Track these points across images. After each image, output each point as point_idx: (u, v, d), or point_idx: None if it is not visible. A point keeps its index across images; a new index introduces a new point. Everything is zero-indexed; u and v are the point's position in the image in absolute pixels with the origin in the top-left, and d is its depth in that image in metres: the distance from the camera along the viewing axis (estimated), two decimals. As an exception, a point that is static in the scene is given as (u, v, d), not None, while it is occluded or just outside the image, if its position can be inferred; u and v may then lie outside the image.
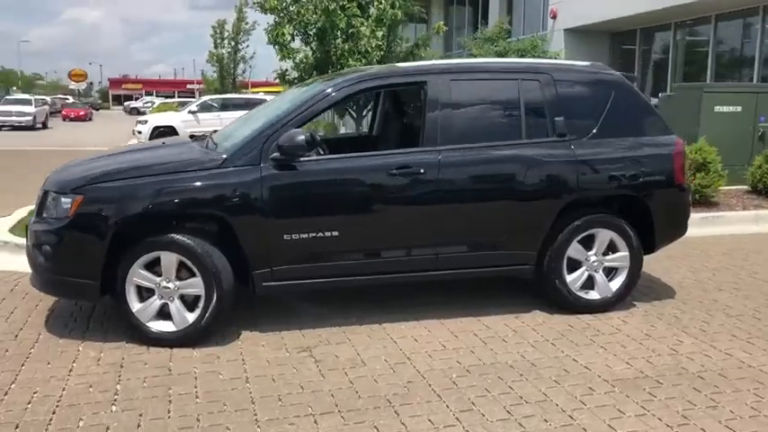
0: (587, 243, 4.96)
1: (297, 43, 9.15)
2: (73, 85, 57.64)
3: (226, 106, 23.01)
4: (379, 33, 8.54)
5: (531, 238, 4.83)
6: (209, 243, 4.32)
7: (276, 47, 8.78)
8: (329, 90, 4.64)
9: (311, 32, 8.61)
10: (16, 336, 4.50)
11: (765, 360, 4.19)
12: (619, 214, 5.03)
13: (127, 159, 4.83)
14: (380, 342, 4.46)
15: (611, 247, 5.01)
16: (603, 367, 4.07)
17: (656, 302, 5.30)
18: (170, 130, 21.28)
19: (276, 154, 4.36)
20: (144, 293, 4.36)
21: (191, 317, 4.34)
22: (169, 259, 4.29)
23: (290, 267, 4.49)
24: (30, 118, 32.18)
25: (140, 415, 3.44)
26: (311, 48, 8.88)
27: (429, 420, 3.41)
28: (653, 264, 6.38)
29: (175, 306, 4.34)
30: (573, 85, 5.02)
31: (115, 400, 3.61)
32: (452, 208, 4.67)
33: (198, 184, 4.32)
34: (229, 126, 5.71)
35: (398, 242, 4.65)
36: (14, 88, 72.75)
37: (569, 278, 4.93)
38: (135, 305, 4.33)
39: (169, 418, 3.43)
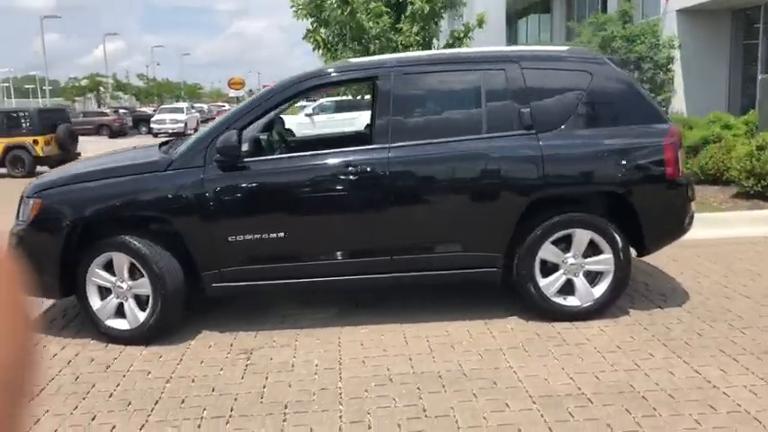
0: (565, 245, 4.53)
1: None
2: (232, 93, 60.84)
3: (340, 108, 23.44)
4: (414, 29, 8.33)
5: (495, 240, 4.49)
6: (159, 244, 4.41)
7: (319, 50, 8.83)
8: (275, 90, 4.58)
9: (347, 34, 8.55)
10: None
11: (738, 381, 3.61)
12: (605, 213, 4.54)
13: (92, 164, 5.04)
14: (325, 346, 4.34)
15: (595, 249, 4.54)
16: (540, 382, 3.70)
17: (656, 310, 4.74)
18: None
19: (217, 155, 4.37)
20: (104, 293, 4.54)
21: (142, 316, 4.46)
22: (120, 260, 4.43)
23: (238, 269, 4.48)
24: (181, 125, 34.67)
25: (47, 411, 3.58)
26: (350, 48, 8.84)
27: (310, 430, 3.27)
28: (682, 266, 5.76)
29: (129, 305, 4.48)
30: (544, 73, 4.60)
31: (54, 392, 3.79)
32: (404, 208, 4.45)
33: (144, 186, 4.43)
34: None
35: (348, 244, 4.50)
36: (177, 98, 78.79)
37: (543, 282, 4.53)
38: (96, 303, 4.52)
39: (71, 414, 3.54)
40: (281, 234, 4.42)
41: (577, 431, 3.16)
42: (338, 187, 4.41)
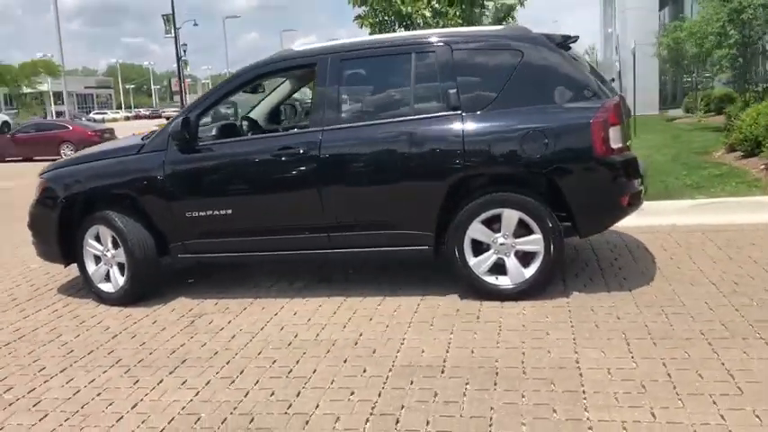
0: (498, 224, 4.55)
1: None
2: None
3: None
4: (451, 12, 8.32)
5: (423, 219, 4.61)
6: (133, 218, 5.05)
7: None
8: (228, 80, 5.03)
9: (390, 19, 8.72)
10: (35, 290, 5.80)
11: (607, 363, 3.50)
12: (535, 193, 4.49)
13: (91, 149, 5.80)
14: (263, 314, 4.72)
15: (528, 230, 4.51)
16: (414, 353, 3.83)
17: (602, 294, 4.58)
18: None
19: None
20: (97, 260, 5.27)
21: (121, 281, 5.14)
22: (104, 232, 5.14)
23: (197, 242, 5.02)
24: None
25: (10, 353, 4.33)
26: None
27: (184, 381, 3.70)
28: (681, 250, 5.46)
29: (112, 272, 5.18)
30: (473, 53, 4.62)
31: (20, 338, 4.58)
32: (336, 188, 4.70)
33: (118, 168, 5.10)
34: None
35: (288, 222, 4.84)
36: None
37: (472, 261, 4.58)
38: (91, 269, 5.27)
39: (24, 357, 4.25)
40: (229, 211, 4.88)
41: (402, 398, 3.30)
42: (277, 168, 4.77)
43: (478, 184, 4.56)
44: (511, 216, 4.48)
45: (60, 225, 5.22)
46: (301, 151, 4.69)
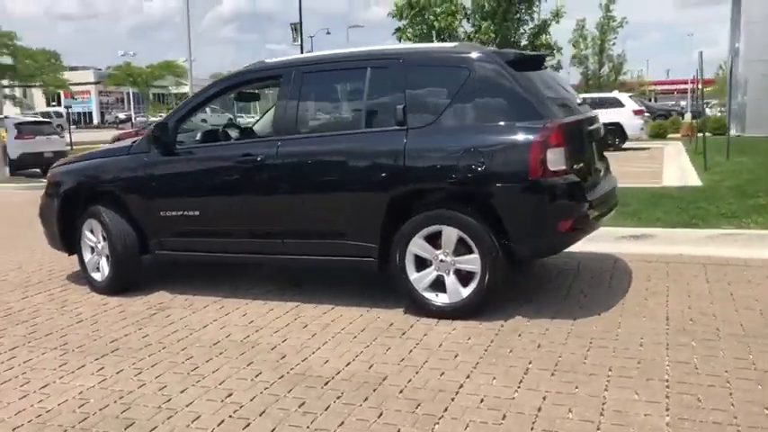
0: (438, 241, 4.51)
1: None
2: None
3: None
4: (484, 26, 8.15)
5: (368, 230, 4.64)
6: (119, 214, 5.43)
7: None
8: (202, 90, 5.30)
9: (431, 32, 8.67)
10: (49, 274, 6.35)
11: (501, 393, 3.40)
12: (475, 212, 4.41)
13: (98, 149, 6.25)
14: (217, 313, 4.92)
15: (468, 248, 4.45)
16: (316, 362, 3.90)
17: (543, 320, 4.41)
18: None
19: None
20: (93, 251, 5.71)
21: (107, 271, 5.54)
22: (96, 225, 5.55)
23: (171, 240, 5.32)
24: None
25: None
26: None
27: (81, 365, 3.99)
28: (663, 283, 5.17)
29: (102, 262, 5.59)
30: (424, 70, 4.61)
31: (4, 317, 5.06)
32: (290, 196, 4.84)
33: (107, 167, 5.51)
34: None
35: (248, 226, 5.03)
36: None
37: (414, 276, 4.57)
38: (87, 258, 5.72)
39: (-6, 334, 4.72)
40: (197, 212, 5.14)
41: (269, 404, 3.38)
42: (238, 175, 4.98)
43: (420, 199, 4.54)
44: (450, 234, 4.43)
45: (61, 217, 5.69)
46: (259, 159, 4.87)
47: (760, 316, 4.37)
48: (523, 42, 8.37)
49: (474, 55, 4.56)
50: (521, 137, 4.23)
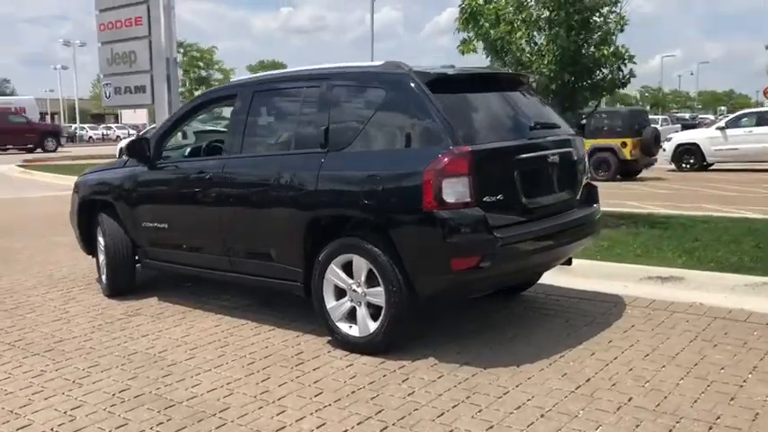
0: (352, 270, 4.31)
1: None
2: None
3: (763, 120, 20.27)
4: (551, 47, 7.38)
5: (293, 255, 4.54)
6: (117, 222, 5.83)
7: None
8: (180, 108, 5.51)
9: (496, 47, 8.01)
10: (81, 274, 6.97)
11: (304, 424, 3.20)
12: (381, 242, 4.11)
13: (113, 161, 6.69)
14: (171, 323, 5.10)
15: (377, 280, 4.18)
16: (182, 385, 3.90)
17: (453, 366, 4.03)
18: (694, 148, 19.86)
19: (137, 157, 5.57)
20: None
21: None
22: (101, 232, 6.01)
23: (152, 249, 5.62)
24: None
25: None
26: (503, 60, 8.29)
27: (6, 362, 4.32)
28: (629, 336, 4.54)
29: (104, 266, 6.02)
30: (348, 90, 4.42)
31: (9, 309, 5.67)
32: (230, 214, 4.89)
33: (107, 178, 5.93)
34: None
35: (204, 241, 5.16)
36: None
37: (330, 305, 4.40)
38: (100, 260, 6.21)
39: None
40: (165, 225, 5.38)
41: (76, 419, 3.48)
42: (195, 191, 5.11)
43: (335, 225, 4.35)
44: (360, 264, 4.20)
45: (81, 223, 6.22)
46: (207, 177, 4.98)
47: (711, 394, 3.59)
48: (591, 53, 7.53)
49: (390, 74, 4.28)
50: (417, 164, 3.90)
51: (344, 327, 4.35)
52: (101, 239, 6.04)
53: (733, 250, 6.53)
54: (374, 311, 4.21)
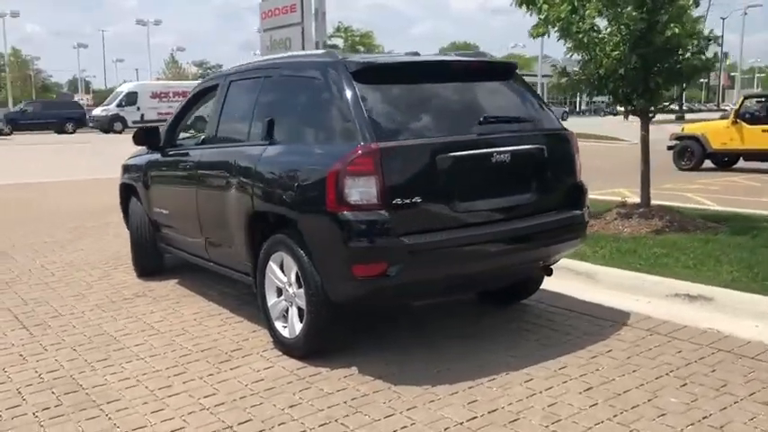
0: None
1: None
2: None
3: None
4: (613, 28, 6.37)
5: (240, 249, 4.48)
6: (140, 206, 6.14)
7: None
8: (184, 98, 5.61)
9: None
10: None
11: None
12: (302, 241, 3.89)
13: None
14: (175, 309, 5.23)
15: (304, 281, 4.00)
16: (112, 377, 3.99)
17: (364, 379, 3.76)
18: None
19: (152, 143, 5.80)
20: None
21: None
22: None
23: (159, 234, 5.84)
24: None
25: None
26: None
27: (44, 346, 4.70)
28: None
29: (133, 246, 6.38)
30: (289, 80, 4.25)
31: (41, 282, 6.21)
32: (202, 202, 4.93)
33: (135, 163, 6.22)
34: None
35: (192, 228, 5.24)
36: None
37: (271, 302, 4.28)
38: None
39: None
40: (165, 211, 5.57)
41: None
42: (184, 179, 5.21)
43: (273, 222, 4.18)
44: (290, 263, 4.03)
45: (124, 205, 6.59)
46: (189, 165, 5.05)
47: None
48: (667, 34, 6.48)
49: (318, 63, 4.02)
50: (325, 161, 3.64)
51: (280, 326, 4.22)
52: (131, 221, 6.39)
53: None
54: (301, 314, 4.03)
